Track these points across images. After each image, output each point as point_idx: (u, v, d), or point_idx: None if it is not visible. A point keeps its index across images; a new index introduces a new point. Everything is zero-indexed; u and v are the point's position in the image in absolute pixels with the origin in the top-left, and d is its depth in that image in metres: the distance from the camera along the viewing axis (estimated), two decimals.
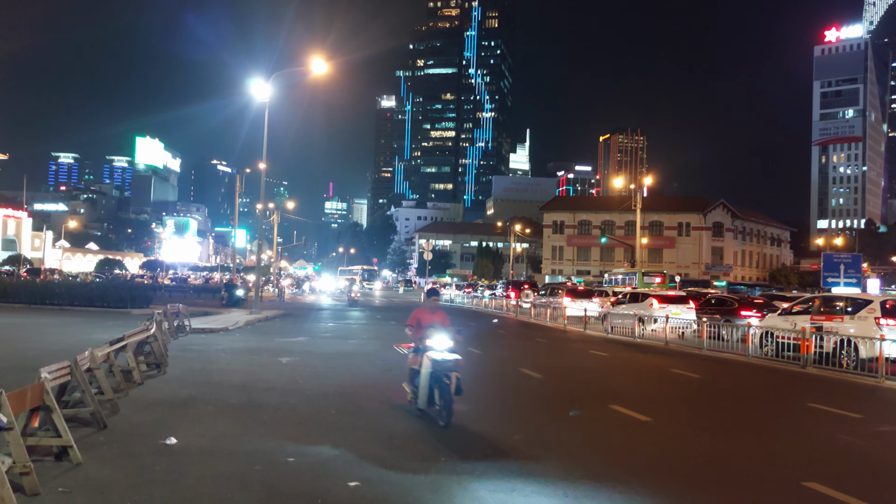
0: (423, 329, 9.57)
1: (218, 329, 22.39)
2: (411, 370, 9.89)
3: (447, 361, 9.05)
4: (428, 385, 9.16)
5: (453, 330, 9.60)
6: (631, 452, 8.18)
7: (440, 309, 10.23)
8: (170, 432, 8.15)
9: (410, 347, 10.07)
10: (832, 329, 16.64)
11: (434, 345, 9.15)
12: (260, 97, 31.13)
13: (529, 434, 8.99)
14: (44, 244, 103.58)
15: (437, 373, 8.99)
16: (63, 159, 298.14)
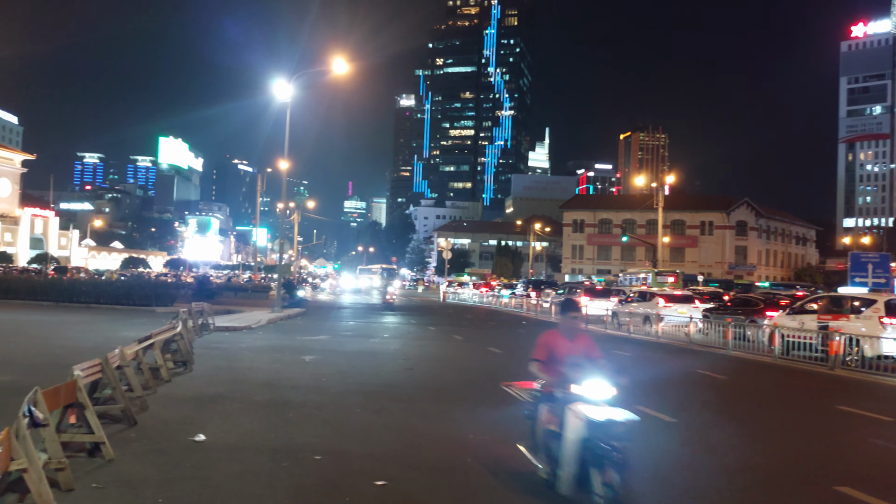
0: (560, 366, 6.15)
1: (241, 327, 22.59)
2: (546, 432, 6.17)
3: (615, 424, 5.61)
4: (579, 458, 5.69)
5: (610, 368, 6.03)
6: (662, 456, 8.13)
7: (583, 333, 6.59)
8: (198, 429, 8.25)
9: (531, 389, 6.76)
10: (838, 328, 16.56)
11: (586, 393, 5.75)
12: (282, 97, 31.35)
13: None
14: (70, 243, 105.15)
15: (595, 442, 5.54)
16: (88, 159, 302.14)
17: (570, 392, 5.83)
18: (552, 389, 6.12)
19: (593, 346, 6.39)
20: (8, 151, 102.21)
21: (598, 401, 5.69)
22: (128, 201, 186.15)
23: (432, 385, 12.72)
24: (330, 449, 7.67)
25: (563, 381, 5.99)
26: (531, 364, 6.39)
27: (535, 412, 6.43)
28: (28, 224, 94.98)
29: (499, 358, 17.54)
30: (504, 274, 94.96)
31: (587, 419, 5.60)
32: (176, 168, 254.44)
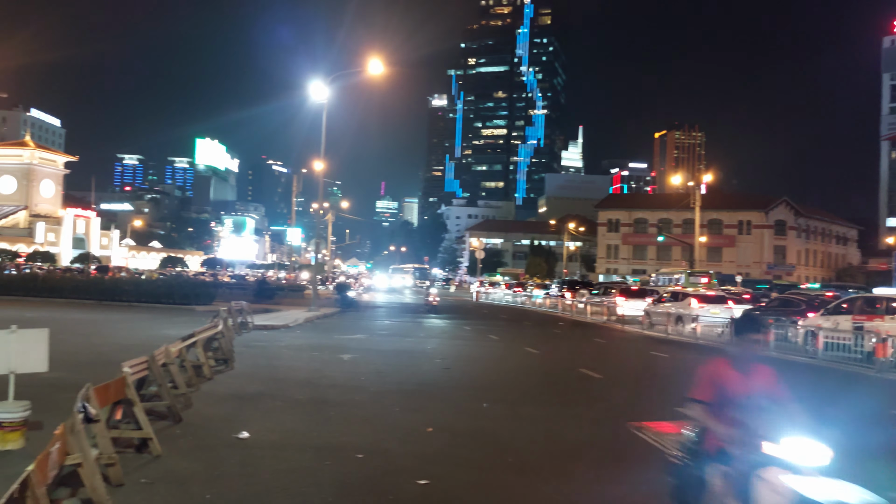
0: (737, 411, 4.31)
1: (279, 326, 22.85)
2: None
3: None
4: None
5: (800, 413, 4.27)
6: None
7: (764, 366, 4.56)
8: (242, 426, 8.36)
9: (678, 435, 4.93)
10: (873, 328, 16.18)
11: (787, 456, 3.96)
12: (318, 98, 31.64)
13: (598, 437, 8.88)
14: (111, 243, 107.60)
15: None
16: (128, 161, 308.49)
17: (762, 452, 4.04)
18: (726, 445, 4.21)
19: (776, 384, 4.44)
20: (51, 153, 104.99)
21: (807, 468, 3.90)
22: (166, 202, 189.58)
23: (471, 385, 12.71)
24: (371, 447, 7.71)
25: (748, 436, 4.14)
26: (690, 407, 4.50)
27: (695, 474, 4.36)
28: (70, 224, 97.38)
29: (536, 358, 17.47)
30: (538, 274, 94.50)
31: (802, 500, 3.78)
32: (213, 169, 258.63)
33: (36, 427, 7.55)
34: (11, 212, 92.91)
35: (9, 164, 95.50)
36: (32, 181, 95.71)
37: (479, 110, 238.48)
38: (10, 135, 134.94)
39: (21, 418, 6.95)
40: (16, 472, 6.31)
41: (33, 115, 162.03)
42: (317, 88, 31.42)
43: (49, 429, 7.76)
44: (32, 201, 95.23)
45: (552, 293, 51.64)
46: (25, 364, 7.22)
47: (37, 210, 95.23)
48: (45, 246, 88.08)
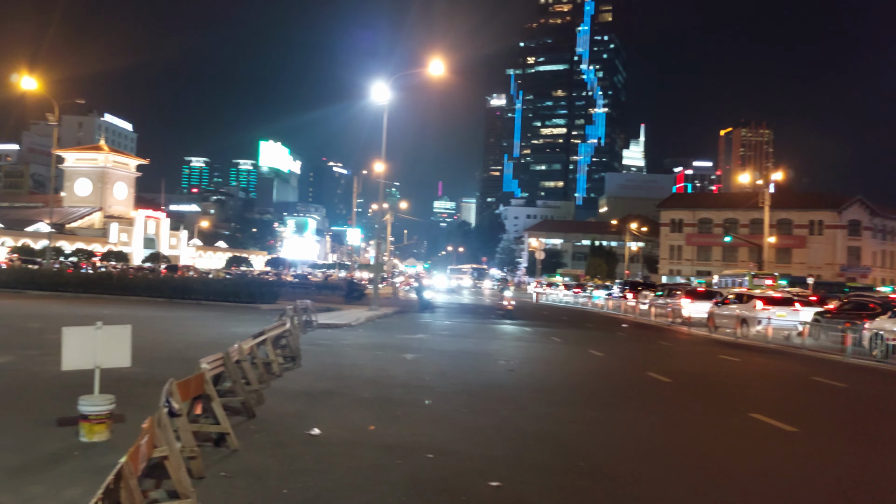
0: None
1: (342, 325, 23.15)
2: None
3: None
4: None
5: None
6: (781, 465, 7.71)
7: None
8: (313, 423, 8.48)
9: None
10: None
11: None
12: (380, 100, 31.95)
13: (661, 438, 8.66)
14: (179, 243, 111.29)
15: None
16: (195, 163, 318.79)
17: None
18: None
19: None
20: (124, 157, 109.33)
21: None
22: (231, 203, 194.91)
23: (537, 387, 12.59)
24: (440, 448, 7.70)
25: None
26: None
27: None
28: (142, 225, 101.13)
29: (601, 361, 17.19)
30: (598, 275, 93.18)
31: None
32: (275, 171, 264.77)
33: (119, 420, 7.84)
34: (87, 213, 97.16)
35: (85, 168, 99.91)
36: (107, 184, 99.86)
37: (538, 109, 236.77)
38: (86, 139, 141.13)
39: (106, 411, 7.22)
40: (103, 463, 6.57)
41: (107, 120, 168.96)
42: (378, 90, 31.74)
43: (131, 422, 8.05)
44: (107, 203, 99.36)
45: (614, 294, 50.84)
46: (110, 359, 7.49)
47: (111, 211, 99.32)
48: (118, 246, 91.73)
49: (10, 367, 11.65)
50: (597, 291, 55.69)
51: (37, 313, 22.45)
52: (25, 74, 37.44)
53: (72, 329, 7.34)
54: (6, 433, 7.38)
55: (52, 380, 10.31)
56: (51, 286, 33.73)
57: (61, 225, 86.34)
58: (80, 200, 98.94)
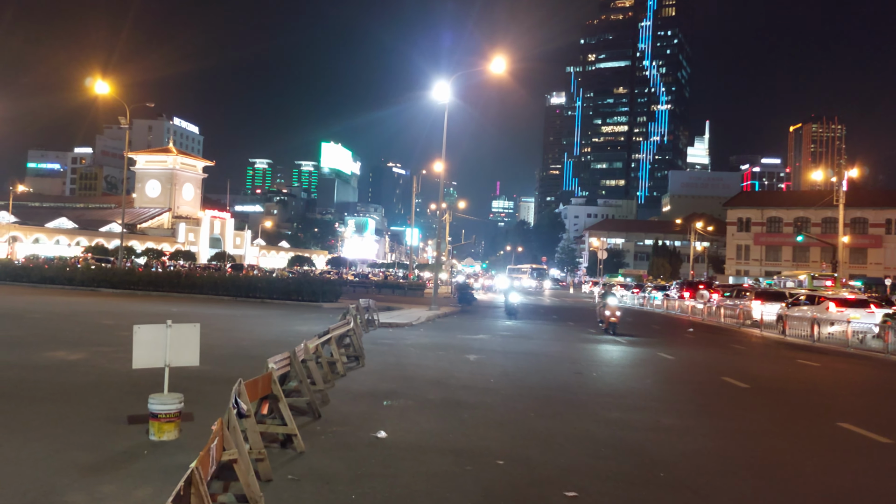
0: None
1: (403, 324, 23.09)
2: None
3: None
4: None
5: None
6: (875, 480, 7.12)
7: None
8: (378, 425, 8.31)
9: None
10: None
11: None
12: (440, 99, 31.84)
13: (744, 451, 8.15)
14: (244, 242, 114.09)
15: None
16: (258, 165, 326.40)
17: None
18: None
19: None
20: (191, 159, 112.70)
21: None
22: (293, 203, 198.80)
23: (606, 391, 12.15)
24: (511, 454, 7.41)
25: None
26: None
27: None
28: (208, 225, 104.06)
29: (672, 364, 16.55)
30: (661, 275, 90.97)
31: None
32: (336, 172, 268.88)
33: (187, 418, 7.84)
34: (157, 213, 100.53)
35: (155, 170, 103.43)
36: (175, 185, 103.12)
37: (599, 107, 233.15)
38: (156, 142, 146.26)
39: (175, 410, 7.20)
40: (172, 463, 6.53)
41: (175, 124, 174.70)
42: (439, 89, 31.63)
43: (199, 420, 8.05)
44: (175, 204, 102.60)
45: (671, 295, 49.51)
46: (179, 358, 7.49)
47: (179, 212, 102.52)
48: (185, 245, 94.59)
49: (83, 363, 11.92)
50: (655, 292, 54.36)
51: (109, 310, 23.15)
52: (99, 79, 38.84)
53: (142, 327, 7.36)
54: (80, 430, 7.46)
55: (123, 376, 10.47)
56: (123, 284, 34.89)
57: (132, 225, 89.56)
58: (150, 201, 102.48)
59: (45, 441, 6.93)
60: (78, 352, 13.10)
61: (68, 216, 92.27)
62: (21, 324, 17.53)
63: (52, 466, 6.16)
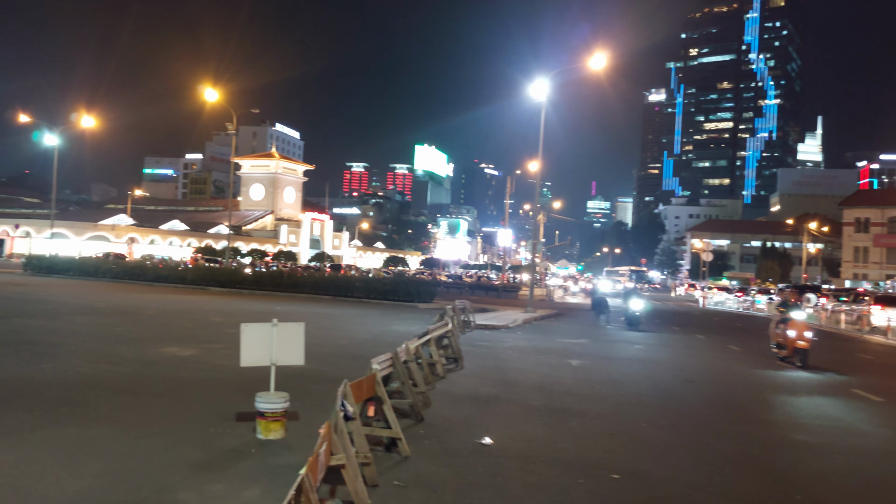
0: None
1: (499, 326, 22.74)
2: None
3: None
4: None
5: None
6: None
7: None
8: (483, 431, 8.02)
9: None
10: None
11: None
12: (537, 96, 31.28)
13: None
14: (341, 243, 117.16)
15: None
16: (355, 168, 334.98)
17: None
18: None
19: None
20: (292, 163, 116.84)
21: None
22: (388, 205, 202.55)
23: (723, 402, 11.36)
24: (625, 467, 6.93)
25: None
26: None
27: None
28: (308, 226, 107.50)
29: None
30: (770, 278, 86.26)
31: None
32: (429, 174, 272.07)
33: (293, 417, 7.82)
34: (261, 216, 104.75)
35: (259, 174, 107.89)
36: (277, 188, 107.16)
37: (701, 103, 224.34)
38: (260, 148, 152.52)
39: (282, 409, 7.17)
40: (279, 462, 6.47)
41: (278, 130, 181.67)
42: (536, 87, 31.07)
43: (304, 419, 8.02)
44: (277, 206, 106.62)
45: (774, 299, 46.74)
46: (285, 357, 7.46)
47: (281, 214, 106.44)
48: (287, 246, 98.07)
49: (194, 359, 12.27)
50: (759, 295, 51.51)
51: (218, 308, 24.04)
52: (209, 87, 40.69)
53: (249, 326, 7.38)
54: (191, 426, 7.56)
55: (231, 372, 10.67)
56: (230, 283, 36.34)
57: (238, 227, 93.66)
58: (254, 204, 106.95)
59: (157, 437, 7.04)
60: (189, 348, 13.54)
61: (180, 219, 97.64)
62: (138, 320, 18.41)
63: (164, 463, 6.22)
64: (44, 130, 53.55)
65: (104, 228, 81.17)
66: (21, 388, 9.00)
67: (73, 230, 78.72)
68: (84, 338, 14.32)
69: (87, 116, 52.66)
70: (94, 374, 10.26)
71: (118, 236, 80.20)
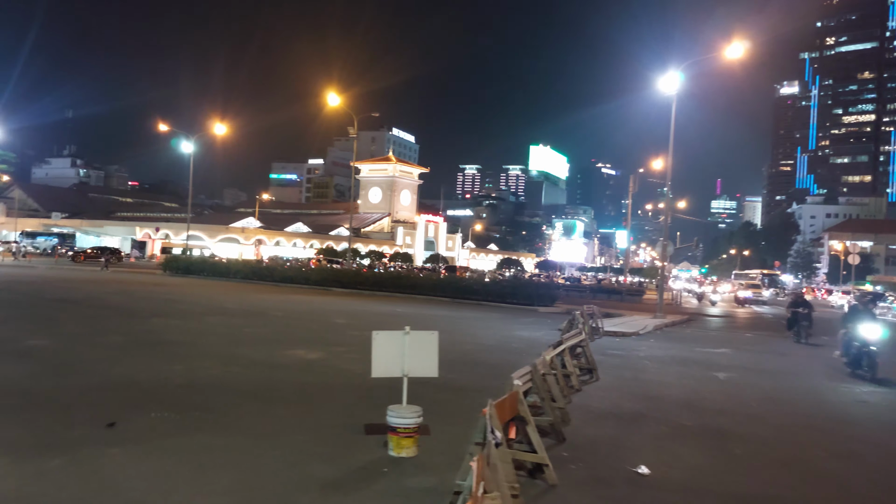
0: None
1: (630, 333, 21.44)
2: None
3: None
4: None
5: None
6: None
7: None
8: (633, 455, 7.11)
9: None
10: None
11: None
12: (667, 90, 29.57)
13: None
14: (455, 245, 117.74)
15: None
16: (468, 170, 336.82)
17: None
18: None
19: None
20: (408, 166, 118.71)
21: None
22: (502, 207, 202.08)
23: None
24: None
25: None
26: None
27: None
28: (423, 228, 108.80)
29: None
30: None
31: None
32: (544, 174, 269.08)
33: (424, 432, 7.22)
34: (378, 218, 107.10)
35: (377, 178, 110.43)
36: (394, 191, 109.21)
37: (839, 95, 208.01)
38: (378, 152, 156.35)
39: (415, 424, 6.60)
40: (413, 485, 5.85)
41: (394, 134, 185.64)
42: (667, 80, 29.36)
43: (436, 434, 7.40)
44: (394, 209, 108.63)
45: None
46: (417, 367, 6.92)
47: (397, 216, 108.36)
48: (403, 248, 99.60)
49: (320, 363, 12.06)
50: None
51: (341, 309, 24.20)
52: (332, 92, 41.63)
53: (381, 334, 6.88)
54: (318, 438, 7.16)
55: (357, 378, 10.31)
56: (351, 284, 36.91)
57: (357, 229, 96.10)
58: (372, 207, 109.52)
59: (286, 449, 6.66)
60: (315, 350, 13.39)
61: (304, 221, 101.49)
62: (266, 321, 18.69)
63: (293, 480, 5.79)
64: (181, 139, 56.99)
65: (234, 231, 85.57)
66: (154, 391, 8.99)
67: (206, 232, 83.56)
68: (215, 339, 14.55)
69: (220, 124, 55.52)
70: (223, 377, 10.20)
71: (247, 238, 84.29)
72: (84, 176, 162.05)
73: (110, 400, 8.29)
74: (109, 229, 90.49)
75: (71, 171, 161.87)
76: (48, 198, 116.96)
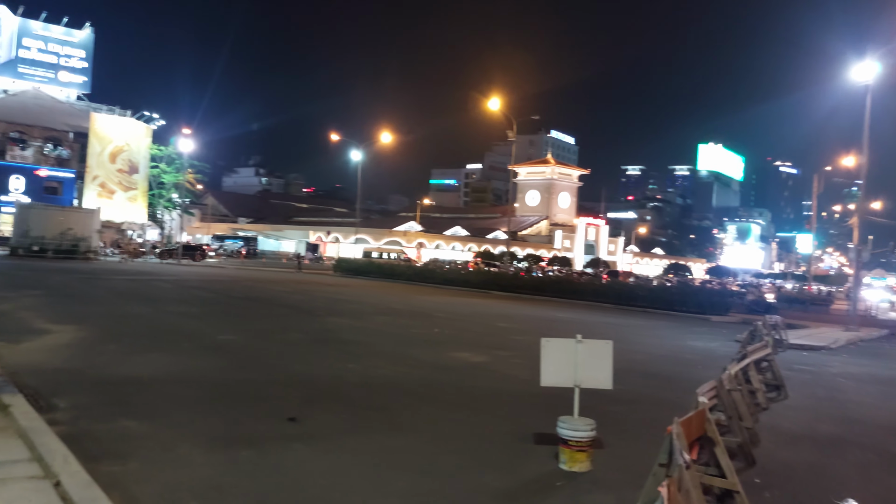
0: None
1: (818, 347, 19.51)
2: None
3: None
4: None
5: None
6: None
7: None
8: (837, 486, 6.36)
9: None
10: None
11: None
12: (861, 79, 26.69)
13: None
14: (617, 248, 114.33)
15: None
16: (630, 171, 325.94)
17: None
18: None
19: None
20: (567, 168, 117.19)
21: None
22: (668, 209, 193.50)
23: None
24: None
25: None
26: None
27: None
28: (583, 232, 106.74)
29: None
30: None
31: None
32: (715, 174, 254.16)
33: (597, 445, 6.88)
34: (535, 221, 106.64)
35: (534, 180, 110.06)
36: (552, 194, 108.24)
37: None
38: (536, 154, 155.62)
39: (588, 438, 6.29)
40: (589, 501, 5.58)
41: (553, 136, 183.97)
42: (860, 69, 26.51)
43: (610, 448, 7.03)
44: (552, 212, 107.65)
45: None
46: (590, 378, 6.61)
47: (555, 219, 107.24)
48: (561, 251, 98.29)
49: (484, 367, 12.03)
50: None
51: (501, 313, 24.20)
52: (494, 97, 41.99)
53: (551, 341, 6.64)
54: (487, 445, 7.06)
55: (522, 384, 10.14)
56: (510, 287, 36.92)
57: (514, 233, 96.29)
58: (529, 210, 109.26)
59: (457, 454, 6.62)
60: (479, 354, 13.41)
61: (462, 225, 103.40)
62: (431, 322, 19.10)
63: (466, 486, 5.72)
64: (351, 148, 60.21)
65: (397, 234, 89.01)
66: (331, 388, 9.37)
67: (372, 236, 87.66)
68: (385, 338, 15.03)
69: (386, 133, 57.98)
70: (394, 377, 10.44)
71: (408, 241, 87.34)
72: (266, 183, 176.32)
73: (291, 395, 8.73)
74: (287, 233, 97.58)
75: (255, 179, 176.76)
76: (235, 204, 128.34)
